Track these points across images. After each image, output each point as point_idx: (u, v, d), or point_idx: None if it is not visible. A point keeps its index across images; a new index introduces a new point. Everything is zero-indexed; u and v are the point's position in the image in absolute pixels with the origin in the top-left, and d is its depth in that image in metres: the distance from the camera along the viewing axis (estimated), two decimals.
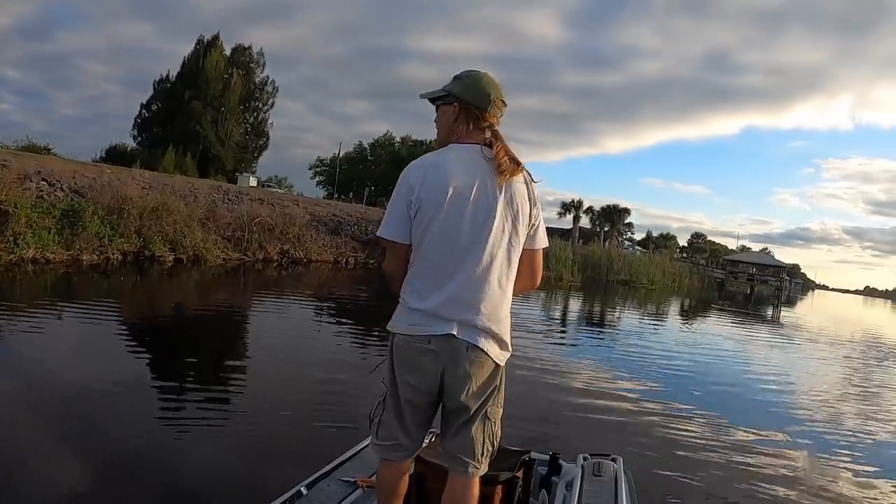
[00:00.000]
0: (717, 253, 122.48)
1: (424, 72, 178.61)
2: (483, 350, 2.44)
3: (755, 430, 7.65)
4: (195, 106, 59.30)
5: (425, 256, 2.46)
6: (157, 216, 21.05)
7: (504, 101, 2.63)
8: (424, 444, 2.79)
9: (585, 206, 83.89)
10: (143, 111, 64.54)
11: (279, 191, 51.91)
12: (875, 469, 6.64)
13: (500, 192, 2.46)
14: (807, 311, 51.24)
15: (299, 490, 2.88)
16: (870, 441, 7.96)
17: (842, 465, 6.73)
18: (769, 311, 42.31)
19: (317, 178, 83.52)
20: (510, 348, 2.55)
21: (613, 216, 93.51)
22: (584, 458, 3.70)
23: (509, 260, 2.52)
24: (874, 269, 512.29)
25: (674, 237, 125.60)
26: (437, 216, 2.41)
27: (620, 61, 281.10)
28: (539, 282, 2.78)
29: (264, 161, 74.48)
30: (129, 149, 61.80)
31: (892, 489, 6.16)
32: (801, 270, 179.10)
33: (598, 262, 48.30)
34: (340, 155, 79.74)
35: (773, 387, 11.39)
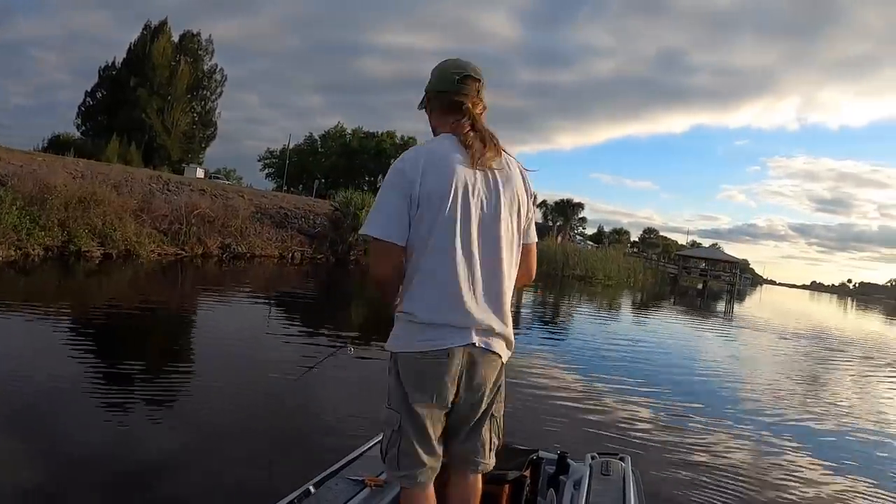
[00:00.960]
0: (669, 248, 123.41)
1: (382, 67, 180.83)
2: (497, 353, 2.41)
3: (762, 430, 7.75)
4: (141, 94, 57.14)
5: (432, 260, 2.30)
6: (84, 207, 19.32)
7: (476, 77, 2.46)
8: None
9: (539, 199, 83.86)
10: (88, 99, 61.91)
11: (227, 182, 50.26)
12: None
13: (501, 184, 2.38)
14: (766, 307, 52.18)
15: (307, 489, 2.80)
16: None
17: (840, 462, 6.80)
18: (730, 307, 42.78)
19: (266, 171, 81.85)
20: (513, 345, 2.50)
21: (567, 210, 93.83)
22: (593, 458, 3.64)
23: (513, 256, 2.45)
24: (820, 264, 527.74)
25: (627, 232, 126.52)
26: (443, 214, 2.28)
27: (575, 60, 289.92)
28: (534, 273, 2.67)
29: (216, 153, 73.33)
30: (73, 138, 58.89)
31: None
32: (750, 266, 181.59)
33: (554, 258, 47.69)
34: (291, 147, 78.01)
35: (770, 384, 11.80)
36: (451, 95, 2.44)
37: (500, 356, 2.43)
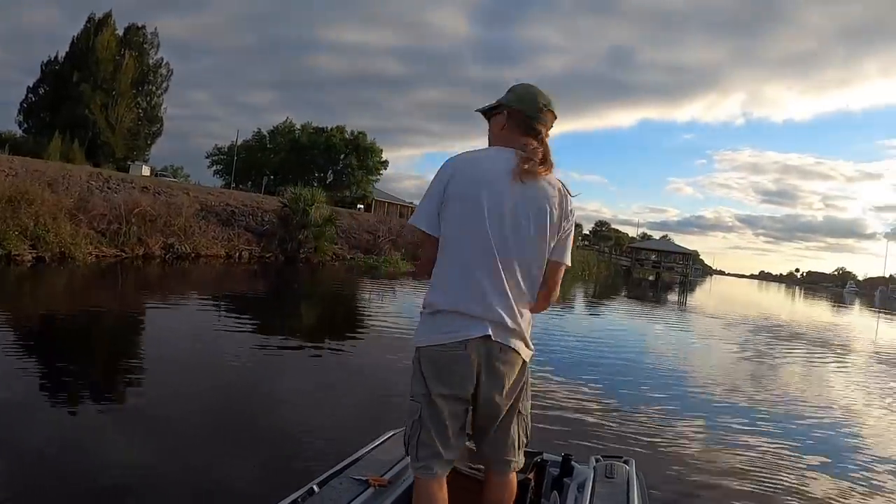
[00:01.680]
0: (621, 241, 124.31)
1: (335, 63, 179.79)
2: (514, 349, 2.49)
3: (766, 431, 7.72)
4: (84, 89, 54.87)
5: (453, 256, 2.50)
6: (14, 207, 18.18)
7: (554, 113, 2.66)
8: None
9: None
10: (30, 95, 59.22)
11: (173, 180, 48.91)
12: None
13: (533, 195, 2.50)
14: (724, 298, 52.40)
15: (311, 488, 2.78)
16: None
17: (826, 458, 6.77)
18: (683, 298, 43.04)
19: (214, 168, 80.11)
20: (532, 347, 2.60)
21: None
22: (597, 460, 3.68)
23: (536, 265, 2.55)
24: (767, 254, 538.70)
25: (579, 225, 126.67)
26: (465, 211, 2.45)
27: (526, 57, 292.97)
28: (557, 297, 2.73)
29: (166, 151, 71.74)
30: (14, 136, 56.83)
31: None
32: (700, 256, 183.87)
33: None
34: (239, 143, 76.50)
35: (756, 378, 11.89)
36: (532, 121, 2.59)
37: (518, 353, 2.51)
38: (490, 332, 2.43)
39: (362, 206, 64.67)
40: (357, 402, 7.23)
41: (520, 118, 2.60)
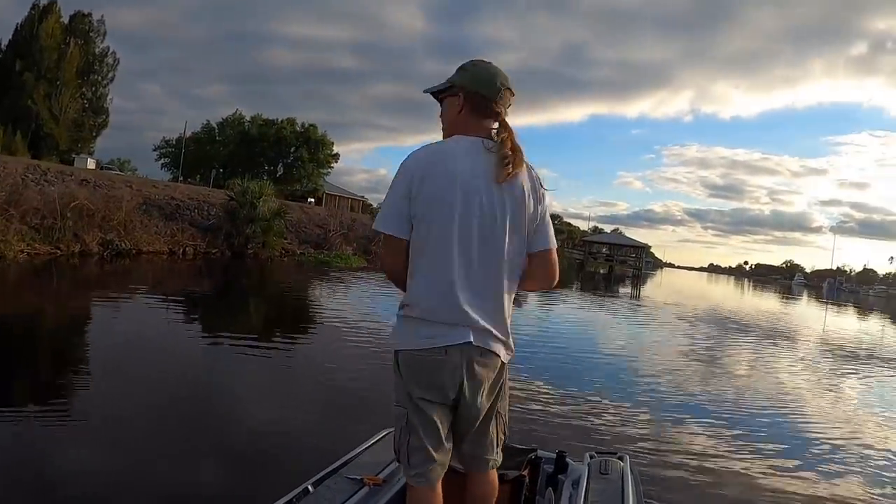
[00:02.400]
0: (573, 234, 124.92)
1: (290, 57, 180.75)
2: (494, 353, 2.45)
3: (756, 428, 7.88)
4: (27, 78, 53.03)
5: (430, 259, 2.39)
6: None
7: (512, 91, 2.56)
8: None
9: None
10: None
11: (118, 173, 47.55)
12: None
13: (505, 188, 2.41)
14: (677, 291, 53.00)
15: (306, 488, 2.75)
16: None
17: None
18: (637, 291, 43.57)
19: (162, 161, 78.31)
20: (513, 349, 2.54)
21: None
22: (591, 457, 3.61)
23: (515, 260, 2.47)
24: (716, 247, 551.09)
25: None
26: (442, 213, 2.35)
27: (480, 52, 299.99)
28: (557, 278, 2.63)
29: (116, 145, 70.05)
30: None
31: None
32: (650, 249, 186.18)
33: None
34: (188, 135, 74.86)
35: (737, 372, 12.53)
36: (490, 102, 2.49)
37: (498, 356, 2.47)
38: (471, 338, 2.37)
39: (313, 200, 63.81)
40: (313, 400, 7.24)
41: (478, 101, 2.49)
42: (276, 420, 6.27)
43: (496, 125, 2.52)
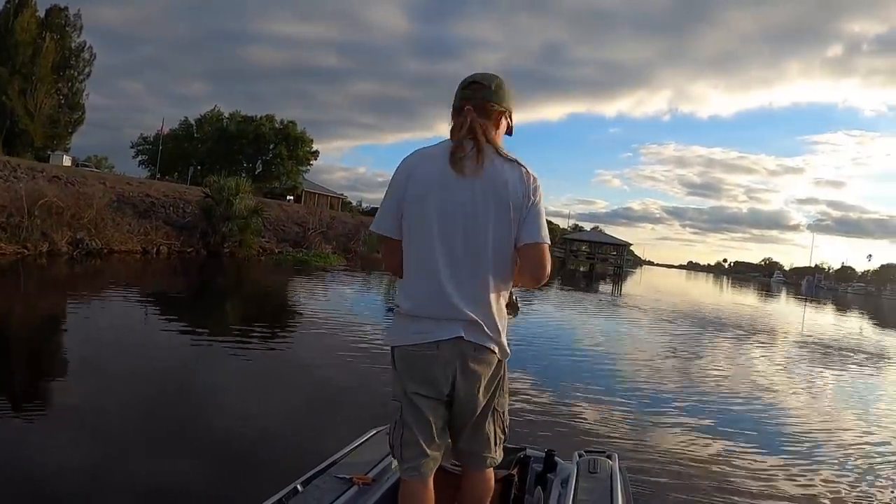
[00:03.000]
0: (553, 232, 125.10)
1: (270, 55, 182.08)
2: (489, 348, 2.47)
3: (745, 427, 7.87)
4: (1, 74, 52.06)
5: (418, 258, 2.48)
6: None
7: (482, 83, 2.56)
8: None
9: None
10: None
11: (93, 170, 46.73)
12: None
13: (486, 182, 2.43)
14: (658, 288, 53.94)
15: (295, 487, 2.78)
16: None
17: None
18: (621, 289, 43.66)
19: (140, 158, 77.17)
20: (508, 348, 2.56)
21: None
22: (580, 455, 3.63)
23: (503, 254, 2.48)
24: (695, 245, 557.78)
25: None
26: (423, 212, 2.43)
27: (462, 52, 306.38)
28: (547, 275, 2.58)
29: (94, 141, 68.96)
30: None
31: None
32: (630, 247, 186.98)
33: None
34: (166, 132, 73.74)
35: (724, 369, 12.63)
36: (455, 102, 2.58)
37: (492, 351, 2.48)
38: (462, 333, 2.40)
39: (292, 198, 63.18)
40: (289, 403, 7.10)
41: (455, 112, 2.56)
42: (252, 420, 6.17)
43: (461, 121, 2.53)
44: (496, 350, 2.49)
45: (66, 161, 50.73)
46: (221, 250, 27.70)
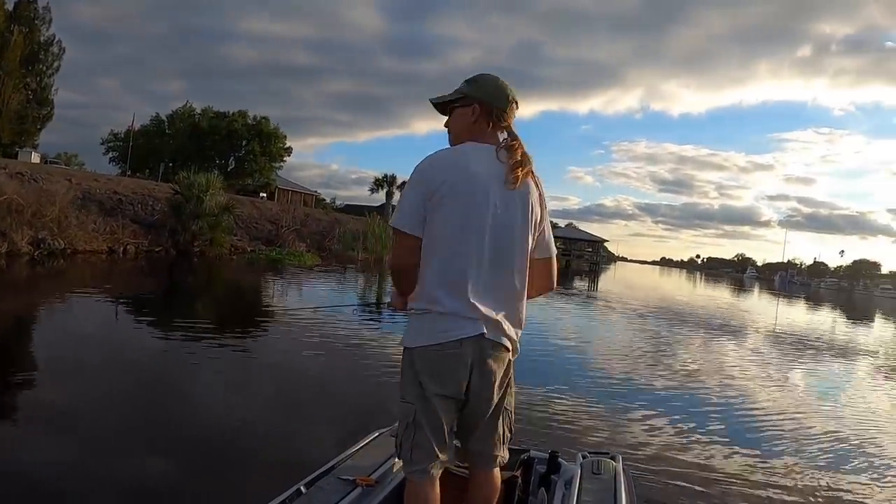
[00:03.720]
0: None
1: (246, 53, 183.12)
2: (505, 347, 2.53)
3: (742, 425, 7.93)
4: None
5: (445, 254, 2.48)
6: None
7: (517, 103, 2.68)
8: None
9: (399, 181, 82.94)
10: None
11: (62, 167, 45.65)
12: None
13: (517, 194, 2.52)
14: (635, 285, 54.17)
15: (298, 489, 2.79)
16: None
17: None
18: (597, 285, 43.68)
19: (110, 155, 75.72)
20: (519, 347, 2.62)
21: None
22: (584, 457, 3.66)
23: (523, 262, 2.58)
24: (667, 241, 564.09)
25: None
26: (458, 212, 2.45)
27: (437, 50, 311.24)
28: (555, 286, 2.82)
29: (68, 139, 67.87)
30: None
31: None
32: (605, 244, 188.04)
33: None
34: (137, 128, 72.31)
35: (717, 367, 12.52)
36: (502, 113, 2.61)
37: (508, 350, 2.54)
38: (484, 331, 2.44)
39: (265, 195, 62.31)
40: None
41: (490, 112, 2.60)
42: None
43: (505, 134, 2.63)
44: (510, 347, 2.55)
45: (35, 158, 50.00)
46: (191, 249, 26.80)
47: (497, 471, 2.73)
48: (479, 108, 2.60)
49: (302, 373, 8.62)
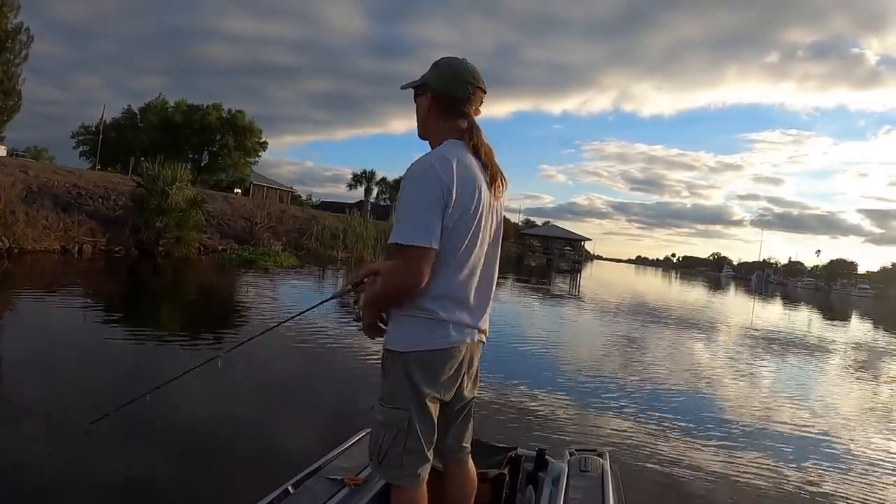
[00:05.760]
0: (507, 228, 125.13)
1: (230, 52, 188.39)
2: (483, 343, 2.70)
3: (734, 424, 8.18)
4: None
5: (459, 264, 2.49)
6: None
7: (483, 89, 2.63)
8: None
9: (379, 177, 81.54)
10: None
11: (22, 160, 43.14)
12: None
13: (495, 198, 2.63)
14: (615, 284, 54.32)
15: (286, 489, 2.81)
16: None
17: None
18: (579, 284, 42.29)
19: (81, 149, 72.89)
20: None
21: None
22: (571, 454, 3.70)
23: (497, 263, 2.71)
24: (642, 239, 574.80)
25: None
26: (468, 222, 2.48)
27: (416, 52, 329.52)
28: None
29: (46, 134, 66.27)
30: None
31: None
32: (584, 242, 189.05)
33: None
34: (108, 121, 69.52)
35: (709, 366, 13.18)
36: (461, 104, 2.57)
37: (482, 344, 2.70)
38: (476, 336, 2.58)
39: (239, 191, 60.17)
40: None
41: (446, 101, 2.56)
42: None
43: (465, 125, 2.59)
44: (485, 342, 2.69)
45: (1, 151, 48.52)
46: (155, 248, 23.98)
47: (472, 467, 2.81)
48: (431, 98, 2.56)
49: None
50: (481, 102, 2.61)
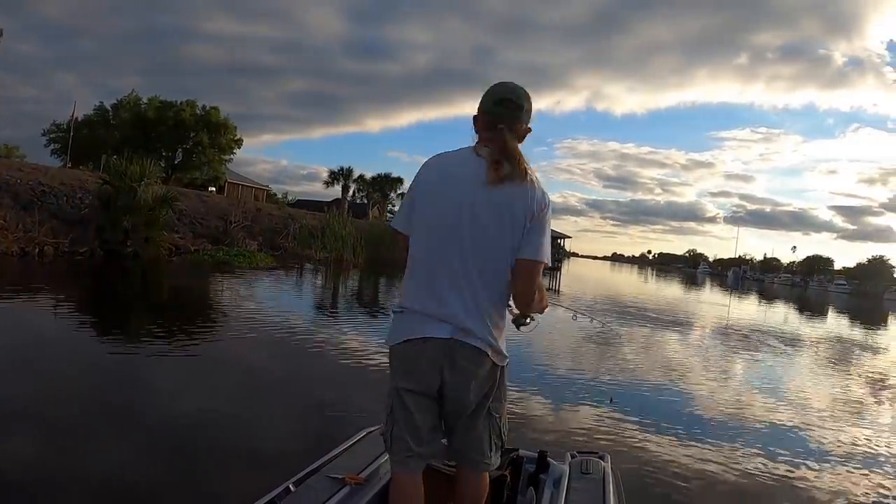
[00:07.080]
0: None
1: (212, 53, 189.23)
2: (480, 349, 2.51)
3: (736, 427, 8.06)
4: None
5: (418, 257, 2.58)
6: None
7: (518, 103, 2.60)
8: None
9: (356, 174, 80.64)
10: None
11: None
12: None
13: (496, 194, 2.49)
14: (596, 281, 55.74)
15: (287, 487, 2.80)
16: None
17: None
18: (559, 283, 41.38)
19: (52, 146, 70.84)
20: (506, 354, 2.62)
21: (385, 186, 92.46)
22: (573, 456, 3.70)
23: (504, 263, 2.54)
24: (617, 236, 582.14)
25: None
26: (429, 215, 2.54)
27: (396, 53, 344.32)
28: (536, 297, 2.65)
29: (28, 133, 65.39)
30: None
31: None
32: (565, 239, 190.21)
33: (382, 240, 41.58)
34: (80, 118, 67.52)
35: (701, 368, 12.82)
36: (487, 116, 2.61)
37: (486, 354, 2.53)
38: (452, 334, 2.48)
39: (214, 189, 58.73)
40: None
41: (485, 119, 2.61)
42: None
43: (499, 140, 2.57)
44: (489, 353, 2.54)
45: None
46: (123, 250, 22.48)
47: (482, 475, 2.77)
48: (478, 116, 2.64)
49: None
50: (516, 115, 2.61)
